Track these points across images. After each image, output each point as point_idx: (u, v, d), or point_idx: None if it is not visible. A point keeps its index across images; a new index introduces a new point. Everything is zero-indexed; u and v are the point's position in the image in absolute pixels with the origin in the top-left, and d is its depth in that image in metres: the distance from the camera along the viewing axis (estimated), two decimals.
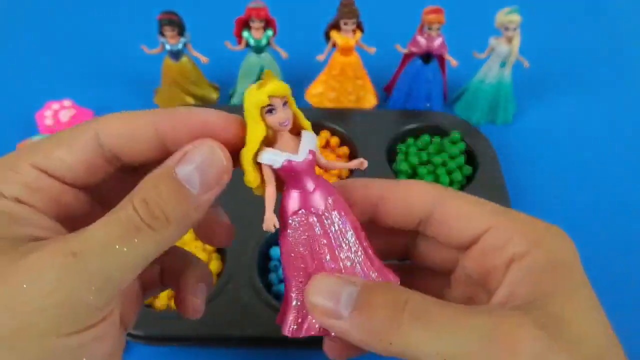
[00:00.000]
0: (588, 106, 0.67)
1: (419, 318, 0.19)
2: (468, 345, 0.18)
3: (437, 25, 0.57)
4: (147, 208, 0.20)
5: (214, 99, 0.63)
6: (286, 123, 0.22)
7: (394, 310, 0.19)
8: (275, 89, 0.21)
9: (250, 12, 0.55)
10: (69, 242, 0.19)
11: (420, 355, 0.19)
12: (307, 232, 0.23)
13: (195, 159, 0.21)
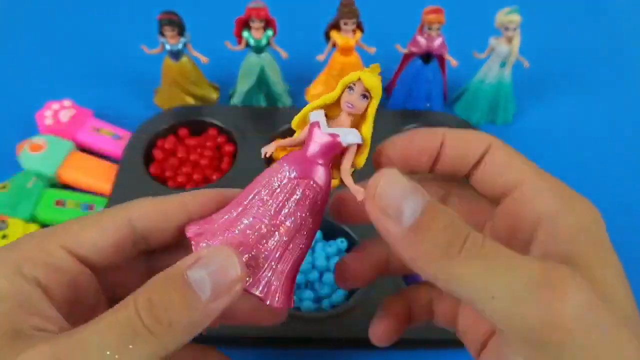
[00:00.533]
0: (588, 106, 0.67)
1: (477, 254, 0.19)
2: (519, 285, 0.18)
3: (437, 25, 0.57)
4: (151, 309, 0.19)
5: (214, 99, 0.63)
6: (350, 105, 0.22)
7: (454, 241, 0.19)
8: (367, 78, 0.22)
9: (250, 12, 0.55)
10: (58, 345, 0.18)
11: (468, 288, 0.18)
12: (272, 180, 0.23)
13: (209, 264, 0.20)
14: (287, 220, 0.22)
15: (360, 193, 0.21)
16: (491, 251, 0.19)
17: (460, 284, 0.19)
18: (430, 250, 0.19)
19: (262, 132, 0.56)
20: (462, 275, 0.18)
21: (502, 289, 0.18)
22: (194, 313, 0.19)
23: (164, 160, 0.54)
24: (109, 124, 0.59)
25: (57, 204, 0.51)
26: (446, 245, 0.19)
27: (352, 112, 0.23)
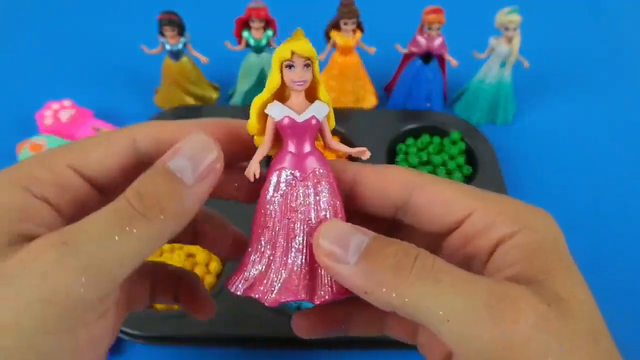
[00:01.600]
0: (588, 106, 0.67)
1: (428, 274, 0.19)
2: (473, 307, 0.18)
3: (437, 25, 0.57)
4: (141, 199, 0.20)
5: (213, 98, 0.63)
6: (300, 83, 0.22)
7: (404, 262, 0.19)
8: (300, 47, 0.21)
9: (250, 12, 0.55)
10: (62, 233, 0.19)
11: (423, 310, 0.18)
12: (284, 193, 0.23)
13: (186, 151, 0.21)
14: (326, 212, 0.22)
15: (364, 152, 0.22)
16: (442, 270, 0.19)
17: (415, 308, 0.18)
18: (380, 277, 0.19)
19: None
20: (416, 299, 0.18)
21: (455, 312, 0.18)
22: (181, 197, 0.20)
23: None
24: (109, 124, 0.59)
25: None
26: (395, 267, 0.19)
27: (305, 87, 0.22)
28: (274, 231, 0.22)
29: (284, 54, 0.21)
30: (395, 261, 0.19)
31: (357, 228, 0.21)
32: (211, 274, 0.46)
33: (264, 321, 0.42)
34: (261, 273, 0.23)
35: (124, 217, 0.19)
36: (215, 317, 0.42)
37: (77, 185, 0.22)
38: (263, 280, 0.22)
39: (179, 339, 0.41)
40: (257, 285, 0.23)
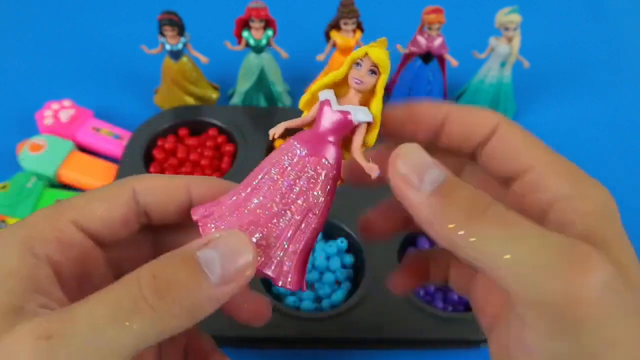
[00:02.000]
0: (588, 106, 0.67)
1: (499, 219, 0.18)
2: (544, 255, 0.17)
3: (437, 25, 0.57)
4: (155, 284, 0.18)
5: (213, 99, 0.63)
6: (357, 82, 0.22)
7: (478, 205, 0.18)
8: (374, 52, 0.21)
9: (250, 12, 0.55)
10: (50, 321, 0.18)
11: (488, 253, 0.18)
12: (282, 158, 0.23)
13: (220, 246, 0.19)
14: (299, 198, 0.22)
15: (374, 170, 0.21)
16: (514, 220, 0.18)
17: (481, 248, 0.18)
18: (451, 212, 0.18)
19: (262, 132, 0.56)
20: (484, 239, 0.18)
21: (525, 256, 0.17)
22: (200, 294, 0.18)
23: (164, 160, 0.54)
24: (109, 124, 0.59)
25: None
26: (467, 209, 0.18)
27: (361, 89, 0.22)
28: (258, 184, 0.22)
29: (358, 53, 0.22)
30: (469, 202, 0.18)
31: (435, 162, 0.20)
32: None
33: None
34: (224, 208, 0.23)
35: (126, 308, 0.17)
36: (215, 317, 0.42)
37: (81, 241, 0.22)
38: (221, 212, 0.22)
39: None
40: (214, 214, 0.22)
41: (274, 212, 0.22)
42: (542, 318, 0.17)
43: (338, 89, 0.23)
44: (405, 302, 0.43)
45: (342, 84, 0.23)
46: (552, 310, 0.17)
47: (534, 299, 0.17)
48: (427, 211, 0.19)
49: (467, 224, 0.18)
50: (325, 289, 0.44)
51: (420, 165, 0.19)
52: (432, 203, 0.19)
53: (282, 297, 0.45)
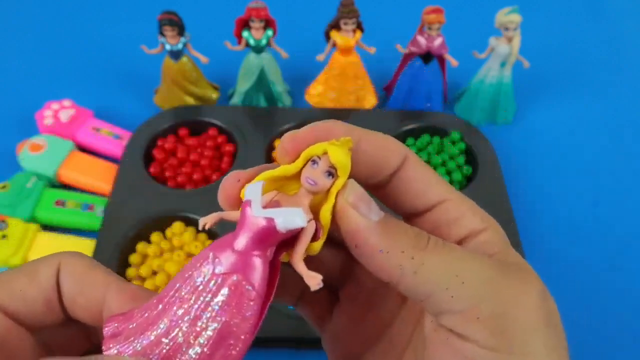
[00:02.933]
0: (588, 106, 0.67)
1: (443, 247, 0.19)
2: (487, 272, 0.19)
3: (437, 25, 0.57)
4: None
5: (213, 98, 0.63)
6: (311, 182, 0.19)
7: (421, 236, 0.19)
8: (334, 153, 0.18)
9: (250, 12, 0.55)
10: None
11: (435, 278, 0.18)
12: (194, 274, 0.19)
13: None
14: (209, 327, 0.18)
15: (315, 280, 0.18)
16: (453, 247, 0.19)
17: (430, 273, 0.18)
18: (400, 241, 0.19)
19: (262, 132, 0.56)
20: (431, 265, 0.19)
21: (473, 275, 0.18)
22: None
23: (164, 160, 0.54)
24: (109, 124, 0.59)
25: (57, 204, 0.51)
26: (414, 238, 0.19)
27: (313, 191, 0.19)
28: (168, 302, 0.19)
29: (317, 150, 0.19)
30: (412, 233, 0.19)
31: None
32: None
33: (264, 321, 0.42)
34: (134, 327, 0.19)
35: None
36: None
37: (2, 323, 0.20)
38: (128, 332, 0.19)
39: None
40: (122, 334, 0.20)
41: (179, 343, 0.18)
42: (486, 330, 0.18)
43: (288, 184, 0.20)
44: None
45: (293, 177, 0.20)
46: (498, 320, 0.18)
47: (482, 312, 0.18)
48: (376, 239, 0.19)
49: (415, 252, 0.19)
50: None
51: (366, 196, 0.19)
52: (380, 232, 0.19)
53: None
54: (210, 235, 0.48)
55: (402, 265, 0.18)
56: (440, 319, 0.19)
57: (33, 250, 0.47)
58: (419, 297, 0.19)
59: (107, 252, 0.45)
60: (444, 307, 0.19)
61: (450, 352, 0.19)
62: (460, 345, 0.19)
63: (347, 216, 0.19)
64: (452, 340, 0.19)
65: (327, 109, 0.61)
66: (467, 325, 0.18)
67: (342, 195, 0.19)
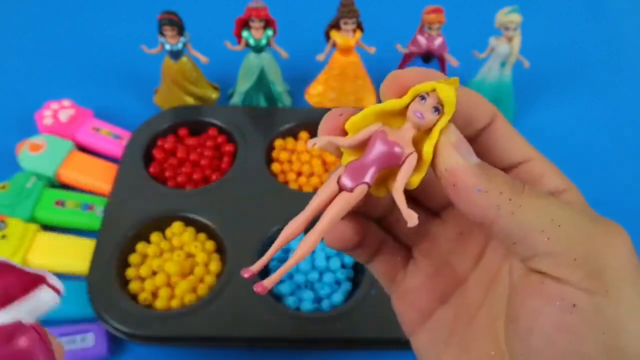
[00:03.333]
0: (588, 106, 0.67)
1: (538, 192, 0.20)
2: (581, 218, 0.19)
3: (437, 25, 0.57)
4: None
5: (213, 98, 0.63)
6: (419, 115, 0.19)
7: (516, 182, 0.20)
8: (443, 90, 0.19)
9: (250, 12, 0.55)
10: None
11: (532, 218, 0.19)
12: None
13: None
14: None
15: (413, 218, 0.19)
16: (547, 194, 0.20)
17: (525, 215, 0.19)
18: (497, 184, 0.19)
19: (262, 132, 0.56)
20: (529, 206, 0.19)
21: (567, 219, 0.19)
22: None
23: (164, 160, 0.54)
24: (109, 123, 0.59)
25: (56, 204, 0.50)
26: (511, 182, 0.19)
27: (421, 124, 0.20)
28: None
29: (426, 87, 0.20)
30: (509, 178, 0.20)
31: None
32: (211, 273, 0.46)
33: (264, 321, 0.42)
34: None
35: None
36: (216, 317, 0.42)
37: None
38: None
39: (179, 339, 0.41)
40: None
41: None
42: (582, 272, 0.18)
43: (391, 119, 0.21)
44: None
45: (395, 115, 0.21)
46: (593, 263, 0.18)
47: (578, 254, 0.18)
48: (476, 178, 0.19)
49: (513, 194, 0.19)
50: (325, 289, 0.44)
51: (467, 142, 0.20)
52: (479, 172, 0.19)
53: (282, 297, 0.45)
54: (211, 235, 0.48)
55: (499, 206, 0.19)
56: (533, 262, 0.19)
57: (33, 251, 0.47)
58: (513, 238, 0.19)
59: (107, 252, 0.45)
60: (539, 249, 0.19)
61: (545, 296, 0.19)
62: (555, 288, 0.19)
63: (449, 154, 0.20)
64: (548, 283, 0.19)
65: (327, 109, 0.60)
66: (562, 268, 0.18)
67: (445, 134, 0.20)
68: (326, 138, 0.21)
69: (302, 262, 0.45)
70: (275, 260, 0.47)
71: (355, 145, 0.21)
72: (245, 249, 0.46)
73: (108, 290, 0.43)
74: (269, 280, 0.19)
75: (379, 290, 0.42)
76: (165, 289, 0.44)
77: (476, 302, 0.23)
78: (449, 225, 0.24)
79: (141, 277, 0.45)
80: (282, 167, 0.55)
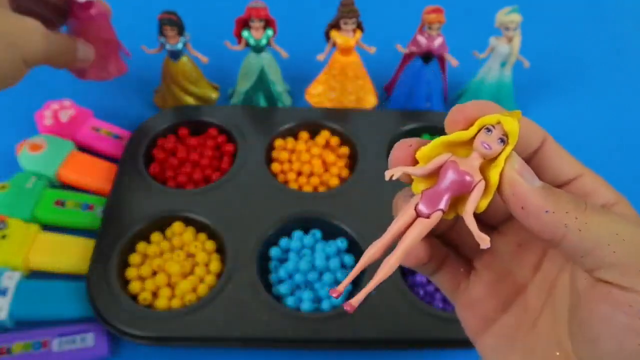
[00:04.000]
0: (588, 106, 0.67)
1: (600, 209, 0.21)
2: None
3: (437, 25, 0.57)
4: None
5: (213, 98, 0.63)
6: (486, 146, 0.22)
7: (579, 199, 0.21)
8: (509, 124, 0.21)
9: (250, 12, 0.55)
10: None
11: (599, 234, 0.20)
12: None
13: None
14: None
15: (485, 241, 0.21)
16: (609, 211, 0.22)
17: (592, 231, 0.20)
18: (563, 202, 0.21)
19: (262, 132, 0.56)
20: (594, 222, 0.20)
21: (631, 233, 0.20)
22: None
23: (164, 160, 0.54)
24: (109, 123, 0.59)
25: (56, 204, 0.50)
26: (574, 201, 0.21)
27: (488, 154, 0.22)
28: None
29: (491, 120, 0.22)
30: (572, 197, 0.21)
31: None
32: (211, 273, 0.46)
33: (264, 321, 0.42)
34: None
35: None
36: (215, 317, 0.42)
37: None
38: None
39: (179, 339, 0.41)
40: None
41: None
42: None
43: (457, 149, 0.23)
44: (405, 302, 0.43)
45: (459, 144, 0.23)
46: None
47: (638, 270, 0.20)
48: (543, 200, 0.21)
49: (578, 213, 0.21)
50: (324, 289, 0.44)
51: (528, 166, 0.22)
52: (545, 195, 0.21)
53: (282, 297, 0.45)
54: (211, 235, 0.48)
55: (567, 224, 0.20)
56: (600, 273, 0.21)
57: (33, 251, 0.47)
58: (581, 253, 0.21)
59: (107, 252, 0.45)
60: (606, 261, 0.20)
61: (612, 305, 0.20)
62: (623, 296, 0.20)
63: (515, 181, 0.21)
64: (615, 292, 0.20)
65: (327, 109, 0.61)
66: (629, 277, 0.20)
67: (509, 162, 0.22)
68: (402, 169, 0.23)
69: (302, 262, 0.46)
70: (275, 260, 0.47)
71: (427, 175, 0.23)
72: (245, 249, 0.46)
73: (108, 290, 0.43)
74: (356, 299, 0.22)
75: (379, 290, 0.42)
76: (165, 289, 0.44)
77: (537, 308, 0.24)
78: (508, 238, 0.26)
79: (142, 277, 0.45)
80: (282, 167, 0.55)
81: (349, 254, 0.47)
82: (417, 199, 0.22)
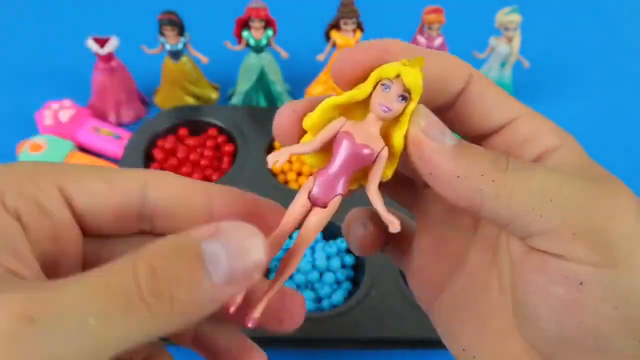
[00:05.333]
0: (588, 106, 0.67)
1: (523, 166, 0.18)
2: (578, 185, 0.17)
3: (437, 25, 0.57)
4: (154, 279, 0.15)
5: (213, 99, 0.63)
6: (385, 109, 0.18)
7: (499, 157, 0.18)
8: (409, 75, 0.17)
9: (250, 12, 0.56)
10: (32, 297, 0.14)
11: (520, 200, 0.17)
12: None
13: (230, 242, 0.16)
14: None
15: (393, 224, 0.18)
16: (534, 166, 0.18)
17: (513, 194, 0.17)
18: (478, 164, 0.18)
19: (262, 132, 0.56)
20: (514, 184, 0.17)
21: (561, 190, 0.17)
22: (200, 294, 0.15)
23: (164, 160, 0.54)
24: (109, 124, 0.59)
25: None
26: (492, 161, 0.18)
27: (386, 117, 0.18)
28: None
29: (388, 72, 0.18)
30: (491, 156, 0.18)
31: None
32: None
33: None
34: None
35: (121, 303, 0.14)
36: None
37: (60, 213, 0.18)
38: None
39: None
40: None
41: None
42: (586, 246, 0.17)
43: (349, 110, 0.19)
44: (405, 302, 0.43)
45: (356, 104, 0.19)
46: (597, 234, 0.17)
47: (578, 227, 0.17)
48: (452, 164, 0.18)
49: (496, 174, 0.17)
50: (325, 289, 0.44)
51: (438, 121, 0.18)
52: (456, 156, 0.18)
53: None
54: None
55: (482, 189, 0.17)
56: (531, 241, 0.18)
57: None
58: (503, 221, 0.18)
59: None
60: (534, 229, 0.17)
61: (548, 275, 0.17)
62: (558, 266, 0.17)
63: (420, 142, 0.18)
64: (549, 262, 0.17)
65: None
66: (563, 244, 0.17)
67: (414, 119, 0.18)
68: (287, 151, 0.18)
69: (303, 262, 0.45)
70: (275, 260, 0.47)
71: (318, 150, 0.19)
72: None
73: None
74: (257, 310, 0.19)
75: (379, 290, 0.43)
76: None
77: (481, 271, 0.21)
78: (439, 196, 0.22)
79: None
80: (282, 167, 0.55)
81: (349, 254, 0.47)
82: (310, 184, 0.19)
